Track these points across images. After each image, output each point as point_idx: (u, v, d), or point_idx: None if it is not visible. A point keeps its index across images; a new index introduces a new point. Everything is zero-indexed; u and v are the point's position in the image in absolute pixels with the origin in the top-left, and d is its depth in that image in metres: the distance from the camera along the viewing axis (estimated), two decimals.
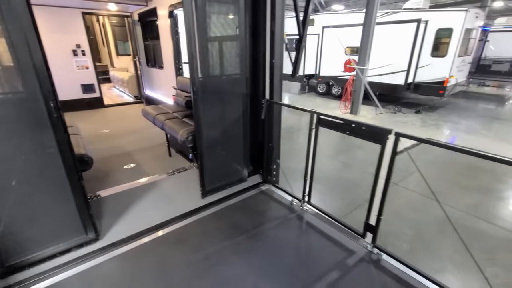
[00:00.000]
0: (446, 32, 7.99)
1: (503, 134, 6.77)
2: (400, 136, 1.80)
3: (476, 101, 10.57)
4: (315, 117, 2.39)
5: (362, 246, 2.25)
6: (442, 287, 1.83)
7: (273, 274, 2.02)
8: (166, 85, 5.27)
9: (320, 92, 11.50)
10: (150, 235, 2.41)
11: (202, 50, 2.53)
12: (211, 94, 2.67)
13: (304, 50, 11.76)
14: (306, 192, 2.72)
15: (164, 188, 3.12)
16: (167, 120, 3.38)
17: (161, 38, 5.08)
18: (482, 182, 4.41)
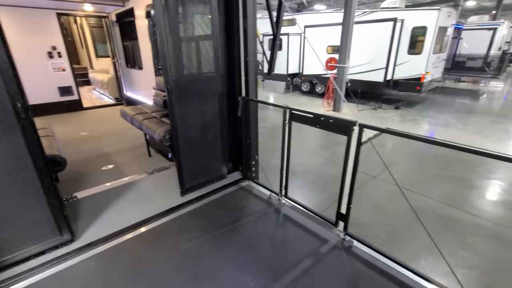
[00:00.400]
0: (421, 30, 8.30)
1: (478, 127, 7.11)
2: (363, 127, 1.89)
3: (452, 96, 11.03)
4: (287, 112, 2.46)
5: (335, 235, 2.34)
6: (410, 270, 1.93)
7: (249, 265, 2.07)
8: (146, 86, 5.23)
9: (304, 90, 11.67)
10: (128, 235, 2.41)
11: (175, 49, 2.55)
12: (186, 93, 2.70)
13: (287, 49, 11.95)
14: (283, 186, 2.79)
15: (142, 187, 3.11)
16: (145, 120, 3.37)
17: (140, 38, 5.04)
18: (456, 172, 4.64)
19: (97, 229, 2.47)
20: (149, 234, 2.43)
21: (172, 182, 3.19)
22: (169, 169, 3.54)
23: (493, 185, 4.29)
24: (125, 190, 3.07)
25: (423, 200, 3.83)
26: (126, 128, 5.12)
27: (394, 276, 1.93)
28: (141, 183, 3.20)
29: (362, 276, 1.93)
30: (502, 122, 7.39)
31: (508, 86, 13.00)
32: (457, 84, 13.68)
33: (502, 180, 4.38)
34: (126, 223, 2.51)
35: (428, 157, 5.34)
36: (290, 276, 1.95)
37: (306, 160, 5.10)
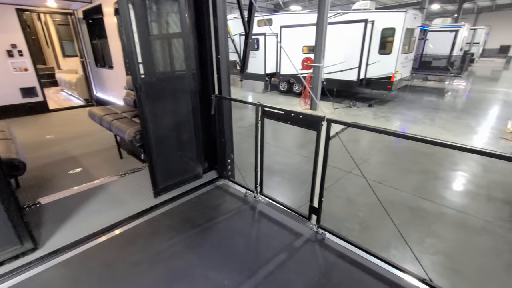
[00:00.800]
0: (390, 31, 8.71)
1: (443, 122, 7.57)
2: (331, 122, 1.95)
3: (420, 94, 11.66)
4: (260, 109, 2.48)
5: (308, 228, 2.39)
6: (379, 258, 2.01)
7: (223, 263, 2.05)
8: (117, 86, 5.04)
9: (282, 90, 11.81)
10: (96, 240, 2.30)
11: (143, 46, 2.48)
12: (157, 91, 2.63)
13: (264, 49, 12.00)
14: (258, 183, 2.80)
15: (113, 190, 2.99)
16: (114, 120, 3.24)
17: (109, 36, 4.85)
18: (424, 165, 4.90)
19: (63, 235, 2.34)
20: (119, 237, 2.34)
21: (145, 183, 3.09)
22: (142, 170, 3.43)
23: (457, 176, 4.58)
24: (95, 193, 2.93)
25: (394, 192, 4.01)
26: (95, 130, 4.90)
27: (365, 265, 2.01)
28: (112, 186, 3.08)
29: (334, 267, 1.98)
30: (464, 118, 7.92)
31: (470, 84, 13.97)
32: (425, 82, 14.49)
33: (464, 171, 4.70)
34: (94, 228, 2.40)
35: (398, 152, 5.60)
36: (264, 271, 1.96)
37: (284, 159, 5.17)
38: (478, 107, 9.22)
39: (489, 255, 2.83)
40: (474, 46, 18.69)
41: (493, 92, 11.76)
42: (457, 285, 2.46)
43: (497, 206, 3.71)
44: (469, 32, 16.54)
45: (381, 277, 1.88)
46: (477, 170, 4.74)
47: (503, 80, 15.57)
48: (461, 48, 14.10)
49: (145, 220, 2.56)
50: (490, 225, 3.32)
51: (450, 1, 21.50)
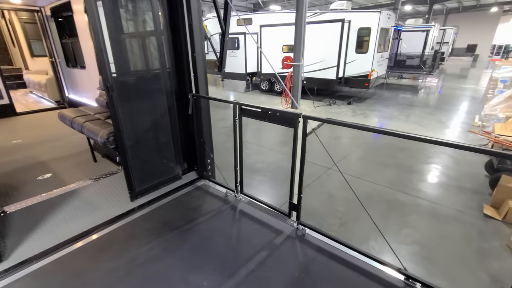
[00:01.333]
0: (366, 31, 8.98)
1: (417, 118, 7.90)
2: (307, 119, 1.96)
3: (396, 91, 12.12)
4: (237, 108, 2.46)
5: (289, 225, 2.40)
6: (357, 251, 2.04)
7: (203, 264, 2.01)
8: (91, 87, 4.82)
9: (263, 89, 11.84)
10: (68, 248, 2.18)
11: (115, 45, 2.38)
12: (130, 91, 2.54)
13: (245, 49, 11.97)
14: (238, 182, 2.78)
15: (87, 195, 2.85)
16: (86, 122, 3.10)
17: (80, 35, 4.63)
18: (399, 159, 5.09)
19: (32, 245, 2.19)
20: (93, 244, 2.24)
21: (121, 187, 2.98)
22: (118, 173, 3.30)
23: (430, 168, 4.80)
24: (66, 200, 2.78)
25: (372, 186, 4.13)
26: (67, 133, 4.67)
27: (344, 259, 2.04)
28: (85, 191, 2.93)
29: (314, 262, 2.00)
30: (437, 114, 8.32)
31: (441, 81, 14.71)
32: (400, 80, 15.09)
33: (436, 163, 4.93)
34: (66, 236, 2.27)
35: (376, 147, 5.78)
36: (245, 270, 1.94)
37: (266, 157, 5.18)
38: (449, 103, 9.72)
39: (460, 243, 2.99)
40: (444, 45, 19.70)
41: (462, 89, 12.45)
42: (432, 273, 2.57)
43: (467, 196, 3.92)
44: (439, 32, 17.41)
45: (359, 269, 1.92)
46: (448, 162, 4.99)
47: (470, 77, 16.53)
48: (432, 47, 14.81)
49: (121, 225, 2.46)
50: (461, 214, 3.51)
51: (421, 2, 22.52)
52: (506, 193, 3.53)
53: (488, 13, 27.64)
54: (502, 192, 3.56)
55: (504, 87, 6.35)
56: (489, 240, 3.05)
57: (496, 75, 6.60)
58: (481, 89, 12.03)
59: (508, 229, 3.18)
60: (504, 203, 3.46)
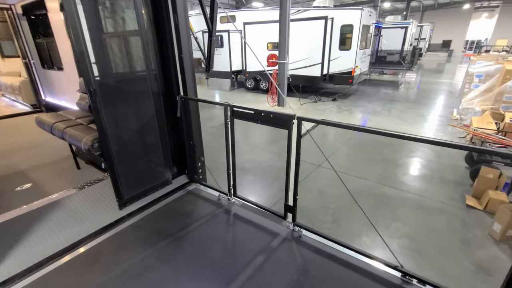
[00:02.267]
0: (348, 28, 9.11)
1: (398, 113, 8.15)
2: (302, 120, 1.95)
3: (378, 87, 12.44)
4: (229, 110, 2.41)
5: (284, 227, 2.39)
6: (354, 250, 2.06)
7: (200, 272, 1.96)
8: (70, 89, 4.58)
9: (249, 87, 11.78)
10: (53, 264, 2.06)
11: (96, 46, 2.25)
12: (115, 94, 2.42)
13: (229, 46, 11.83)
14: (231, 185, 2.73)
15: (72, 205, 2.71)
16: (68, 128, 2.93)
17: (56, 34, 4.37)
18: (385, 154, 5.23)
19: (13, 263, 2.05)
20: (81, 258, 2.12)
21: (108, 195, 2.85)
22: (104, 180, 3.16)
23: (413, 162, 4.96)
24: (49, 211, 2.62)
25: (360, 182, 4.21)
26: (46, 139, 4.42)
27: (341, 259, 2.05)
28: (70, 201, 2.78)
29: (312, 263, 2.00)
30: (417, 108, 8.61)
31: (419, 76, 15.25)
32: (381, 76, 15.50)
33: (419, 157, 5.11)
34: (51, 251, 2.14)
35: (362, 143, 5.91)
36: (243, 276, 1.91)
37: (255, 156, 5.15)
38: (427, 97, 10.09)
39: (446, 234, 3.11)
40: (421, 41, 20.41)
41: (439, 83, 12.96)
42: (421, 265, 2.65)
43: (450, 188, 4.08)
44: (416, 28, 18.00)
45: (357, 269, 1.94)
46: (430, 155, 5.17)
47: (446, 72, 17.26)
48: (410, 43, 15.30)
49: (111, 236, 2.35)
50: (445, 205, 3.65)
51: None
52: (486, 184, 3.71)
53: (461, 10, 28.93)
54: (482, 183, 3.74)
55: (480, 82, 6.66)
56: (472, 230, 3.19)
57: (472, 70, 6.91)
58: (456, 83, 12.58)
59: (489, 219, 3.34)
60: (484, 194, 3.63)
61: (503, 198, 3.42)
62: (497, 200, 3.40)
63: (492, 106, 6.08)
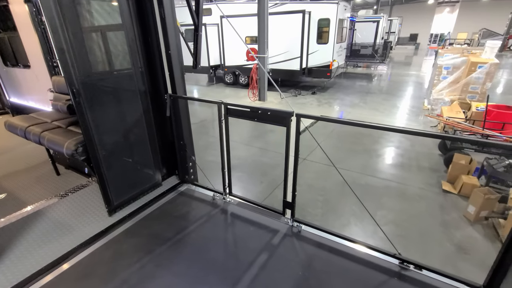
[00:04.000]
0: (325, 22, 9.25)
1: (375, 104, 8.49)
2: (301, 117, 1.95)
3: (353, 80, 12.84)
4: (223, 108, 2.35)
5: (284, 223, 2.41)
6: (354, 242, 2.14)
7: (204, 276, 1.93)
8: (40, 88, 4.21)
9: (228, 82, 11.61)
10: (39, 281, 1.90)
11: (77, 42, 2.08)
12: (99, 94, 2.26)
13: (206, 41, 11.49)
14: (227, 184, 2.70)
15: (54, 215, 2.52)
16: (45, 131, 2.70)
17: (20, 29, 3.98)
18: (366, 145, 5.44)
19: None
20: (72, 271, 1.99)
21: (95, 201, 2.69)
22: (88, 186, 2.97)
23: (392, 151, 5.22)
24: (30, 223, 2.42)
25: (344, 173, 4.35)
26: (17, 144, 4.06)
27: (342, 251, 2.12)
28: (52, 211, 2.59)
29: (314, 258, 2.05)
30: (391, 99, 9.03)
31: (390, 69, 15.96)
32: (356, 69, 16.01)
33: (397, 147, 5.38)
34: (36, 267, 1.98)
35: (343, 135, 6.09)
36: (248, 276, 1.91)
37: (241, 153, 5.12)
38: (399, 89, 10.61)
39: (426, 218, 3.32)
40: (391, 35, 21.30)
41: (409, 75, 13.67)
42: (407, 249, 2.82)
43: (426, 174, 4.36)
44: (387, 22, 18.73)
45: (358, 259, 2.02)
46: (405, 144, 5.47)
47: (414, 64, 18.23)
48: (382, 37, 15.90)
49: (103, 244, 2.23)
50: (424, 191, 3.89)
51: None
52: (459, 169, 4.01)
53: (426, 5, 30.55)
54: (456, 169, 4.03)
55: (448, 73, 7.10)
56: (449, 213, 3.44)
57: (440, 62, 7.34)
58: (423, 75, 13.35)
59: (463, 202, 3.62)
60: (458, 179, 3.92)
61: (475, 182, 3.71)
62: (470, 184, 3.68)
63: (459, 96, 6.54)
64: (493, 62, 6.04)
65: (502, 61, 18.13)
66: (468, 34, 28.76)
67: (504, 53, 23.20)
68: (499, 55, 21.54)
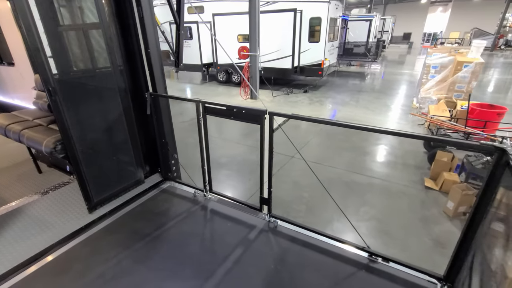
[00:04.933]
0: (317, 20, 9.29)
1: (366, 103, 8.57)
2: (273, 115, 2.00)
3: (346, 78, 12.93)
4: (201, 106, 2.38)
5: (261, 219, 2.46)
6: (327, 236, 2.19)
7: (178, 270, 1.97)
8: (24, 86, 4.20)
9: (221, 80, 11.62)
10: (17, 276, 1.93)
11: (53, 40, 2.09)
12: (77, 92, 2.28)
13: (198, 39, 11.45)
14: (207, 181, 2.73)
15: (34, 212, 2.53)
16: (25, 129, 2.70)
17: (3, 26, 3.96)
18: (354, 143, 5.51)
19: None
20: (49, 267, 2.02)
21: (76, 198, 2.71)
22: (70, 184, 2.98)
23: (379, 149, 5.30)
24: (9, 220, 2.43)
25: (331, 170, 4.42)
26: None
27: (315, 245, 2.17)
28: (32, 208, 2.60)
29: (288, 252, 2.10)
30: (382, 98, 9.12)
31: (383, 67, 16.09)
32: (349, 68, 16.12)
33: (384, 144, 5.46)
34: (13, 262, 2.00)
35: (332, 133, 6.15)
36: (222, 269, 1.95)
37: (230, 151, 5.16)
38: (391, 87, 10.72)
39: (407, 214, 3.40)
40: (385, 33, 21.45)
41: (401, 74, 13.81)
42: (387, 244, 2.89)
43: (411, 171, 4.44)
44: (380, 21, 18.85)
45: (329, 253, 2.07)
46: (393, 142, 5.56)
47: (407, 63, 18.40)
48: (375, 35, 16.01)
49: (81, 241, 2.25)
50: (407, 188, 3.97)
51: None
52: (441, 166, 4.09)
53: (419, 4, 30.77)
54: (438, 166, 4.11)
55: (435, 72, 7.21)
56: (430, 209, 3.52)
57: (428, 61, 7.44)
58: (416, 74, 13.48)
59: (444, 198, 3.70)
60: (440, 175, 4.01)
61: (456, 179, 3.80)
62: (451, 180, 3.77)
63: (446, 95, 6.65)
64: (478, 62, 6.14)
65: (492, 60, 18.38)
66: (460, 33, 29.07)
67: (495, 52, 23.53)
68: (490, 55, 21.87)
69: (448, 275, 1.60)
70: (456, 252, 1.51)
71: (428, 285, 1.71)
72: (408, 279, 1.78)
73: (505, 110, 4.78)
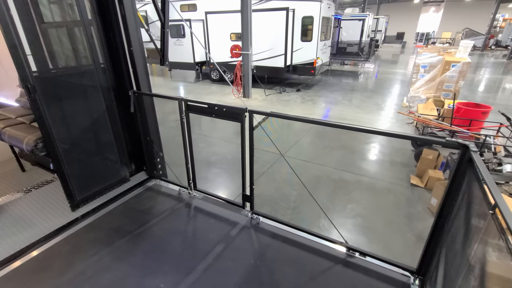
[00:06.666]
0: (309, 19, 9.33)
1: (358, 102, 8.64)
2: (253, 113, 2.02)
3: (339, 77, 13.01)
4: (183, 104, 2.39)
5: (243, 216, 2.48)
6: (306, 232, 2.22)
7: (159, 267, 1.98)
8: (9, 84, 4.14)
9: (214, 79, 11.60)
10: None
11: (32, 38, 2.08)
12: (58, 91, 2.27)
13: (191, 37, 11.38)
14: (191, 179, 2.75)
15: (16, 210, 2.52)
16: (7, 127, 2.68)
17: None
18: (344, 142, 5.56)
19: None
20: (30, 264, 2.02)
21: (59, 197, 2.70)
22: (54, 182, 2.97)
23: (368, 148, 5.36)
24: None
25: (321, 168, 4.46)
26: None
27: (295, 241, 2.20)
28: (14, 206, 2.59)
29: (268, 248, 2.13)
30: (374, 97, 9.20)
31: (376, 67, 16.22)
32: (342, 67, 16.21)
33: (373, 142, 5.52)
34: None
35: (323, 131, 6.20)
36: (202, 265, 1.97)
37: (220, 149, 5.17)
38: (383, 86, 10.81)
39: (393, 211, 3.45)
40: (378, 33, 21.60)
41: (394, 73, 13.93)
42: (372, 240, 2.94)
43: (397, 169, 4.50)
44: (373, 20, 18.98)
45: (309, 249, 2.10)
46: (383, 140, 5.62)
47: (400, 62, 18.56)
48: (368, 35, 16.13)
49: (63, 238, 2.25)
50: (393, 185, 4.03)
51: None
52: (426, 164, 4.16)
53: (412, 4, 31.02)
54: (424, 163, 4.18)
55: (425, 72, 7.30)
56: (414, 206, 3.58)
57: (418, 61, 7.54)
58: (408, 73, 13.62)
59: (428, 194, 3.77)
60: (425, 173, 4.08)
61: (440, 176, 3.87)
62: (435, 177, 3.83)
63: (434, 94, 6.74)
64: (466, 61, 6.24)
65: (483, 60, 18.66)
66: (452, 33, 29.42)
67: (485, 52, 23.88)
68: (481, 54, 22.19)
69: (420, 268, 1.64)
70: (427, 245, 1.55)
71: (402, 278, 1.76)
72: (383, 273, 1.82)
73: (489, 109, 4.87)
